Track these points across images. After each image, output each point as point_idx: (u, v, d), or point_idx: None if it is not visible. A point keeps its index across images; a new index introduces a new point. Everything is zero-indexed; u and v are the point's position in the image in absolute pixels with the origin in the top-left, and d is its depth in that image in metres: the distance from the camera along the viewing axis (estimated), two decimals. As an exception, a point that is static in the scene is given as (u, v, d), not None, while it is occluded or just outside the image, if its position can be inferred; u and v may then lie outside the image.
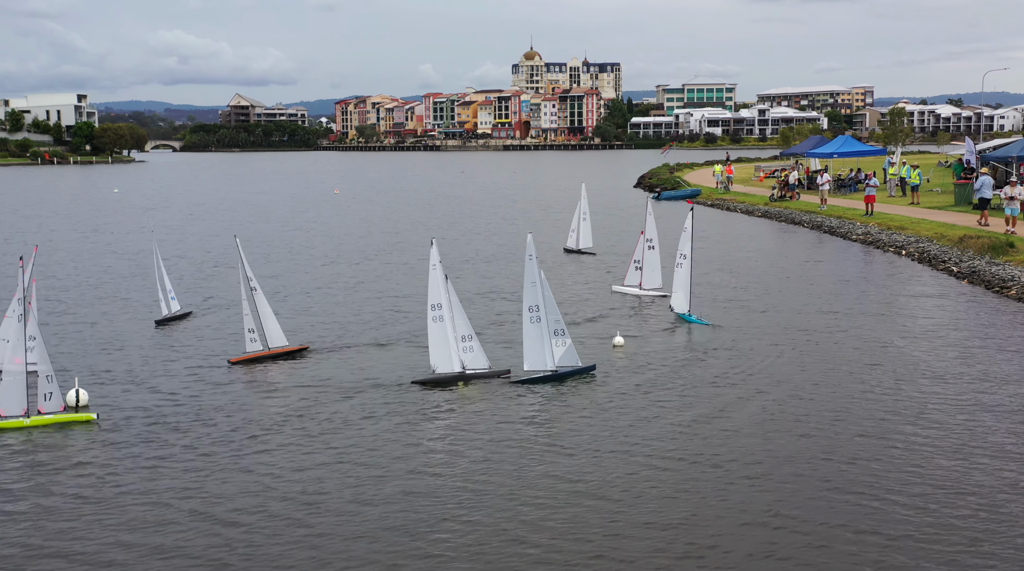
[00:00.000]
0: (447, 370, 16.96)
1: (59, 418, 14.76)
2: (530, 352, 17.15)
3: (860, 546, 10.22)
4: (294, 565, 9.98)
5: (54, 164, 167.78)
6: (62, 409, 14.91)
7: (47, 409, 14.80)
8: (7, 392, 14.64)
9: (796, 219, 43.95)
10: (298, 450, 13.49)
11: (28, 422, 14.61)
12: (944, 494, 11.54)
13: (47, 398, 14.79)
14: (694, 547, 10.28)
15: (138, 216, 55.67)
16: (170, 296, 22.83)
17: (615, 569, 9.86)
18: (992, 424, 14.11)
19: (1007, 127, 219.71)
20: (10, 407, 14.63)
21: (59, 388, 14.97)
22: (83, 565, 10.09)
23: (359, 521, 11.03)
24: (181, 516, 11.25)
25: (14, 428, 14.50)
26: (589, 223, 34.60)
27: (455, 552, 10.25)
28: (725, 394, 15.95)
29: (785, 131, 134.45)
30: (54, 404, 14.84)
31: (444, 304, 16.94)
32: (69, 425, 14.71)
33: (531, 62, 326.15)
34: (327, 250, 37.21)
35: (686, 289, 21.92)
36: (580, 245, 34.39)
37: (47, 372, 14.80)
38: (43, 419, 14.71)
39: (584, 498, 11.61)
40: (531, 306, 17.10)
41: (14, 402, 14.60)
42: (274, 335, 18.95)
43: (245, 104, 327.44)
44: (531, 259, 17.05)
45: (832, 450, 13.15)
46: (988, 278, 25.80)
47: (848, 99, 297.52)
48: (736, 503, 11.39)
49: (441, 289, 16.95)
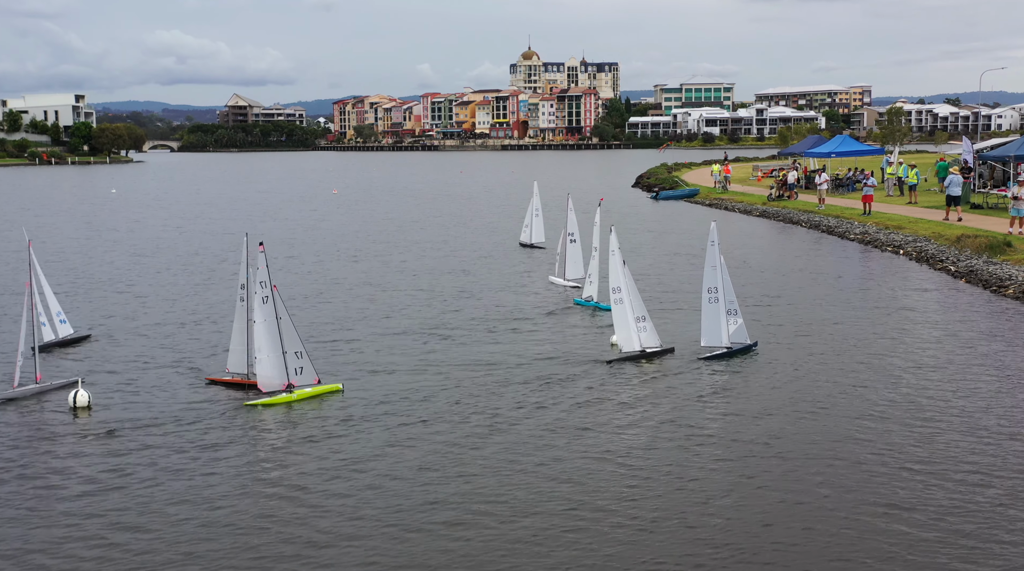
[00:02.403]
0: (629, 349, 18.24)
1: (315, 391, 16.19)
2: (707, 330, 18.43)
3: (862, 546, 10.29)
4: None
5: (52, 164, 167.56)
6: (316, 382, 16.23)
7: (300, 383, 16.15)
8: (269, 370, 15.97)
9: (794, 219, 44.02)
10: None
11: (291, 396, 16.00)
12: (946, 495, 11.61)
13: (299, 372, 16.13)
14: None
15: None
16: (58, 318, 20.24)
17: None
18: (992, 425, 14.17)
19: (1004, 126, 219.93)
20: (274, 383, 16.05)
21: (309, 363, 16.23)
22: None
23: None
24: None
25: (281, 402, 15.86)
26: (542, 219, 36.88)
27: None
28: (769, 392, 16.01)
29: (783, 131, 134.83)
30: (307, 378, 16.18)
31: (623, 287, 18.21)
32: (322, 396, 16.12)
33: (529, 62, 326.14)
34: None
35: (596, 279, 23.68)
36: (533, 240, 36.78)
37: (297, 349, 16.08)
38: (303, 392, 16.07)
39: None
40: (710, 288, 18.43)
41: (276, 378, 15.98)
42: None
43: (243, 104, 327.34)
44: (712, 245, 18.44)
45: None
46: (986, 277, 25.86)
47: (846, 98, 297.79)
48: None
49: (620, 273, 18.27)
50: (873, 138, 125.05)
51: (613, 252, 18.53)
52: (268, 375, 15.98)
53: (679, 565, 9.95)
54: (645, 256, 33.05)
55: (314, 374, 16.29)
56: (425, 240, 40.24)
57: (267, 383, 16.01)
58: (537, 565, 9.97)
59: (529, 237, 37.03)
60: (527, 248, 36.64)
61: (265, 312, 15.92)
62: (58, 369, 18.35)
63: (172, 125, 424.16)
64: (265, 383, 16.03)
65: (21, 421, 15.30)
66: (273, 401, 15.84)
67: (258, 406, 15.71)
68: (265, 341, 15.94)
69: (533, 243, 36.71)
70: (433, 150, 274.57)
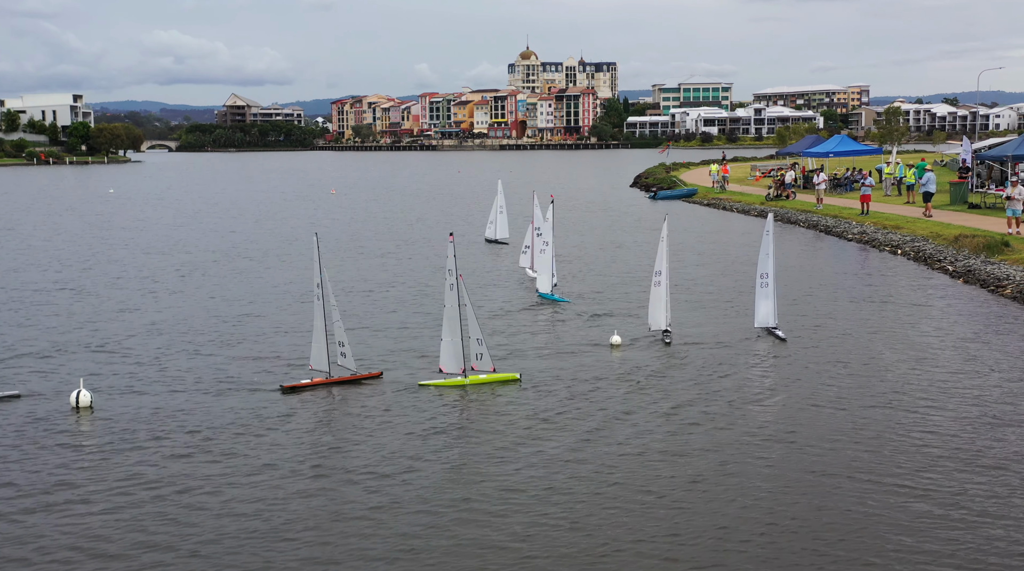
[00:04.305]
0: (657, 328, 20.02)
1: (490, 377, 17.01)
2: (758, 312, 20.34)
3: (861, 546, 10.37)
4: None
5: (50, 164, 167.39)
6: (492, 370, 17.04)
7: (479, 368, 17.04)
8: (449, 354, 16.88)
9: (792, 218, 44.09)
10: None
11: (466, 380, 16.89)
12: (940, 492, 11.70)
13: (479, 358, 16.99)
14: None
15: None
16: None
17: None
18: (993, 425, 14.26)
19: (1002, 126, 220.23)
20: (452, 366, 16.95)
21: (487, 350, 17.06)
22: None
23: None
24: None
25: (457, 385, 16.80)
26: (506, 216, 38.69)
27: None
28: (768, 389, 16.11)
29: (781, 130, 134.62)
30: (485, 364, 17.03)
31: (663, 272, 19.75)
32: (499, 384, 16.91)
33: (527, 62, 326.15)
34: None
35: (548, 272, 24.91)
36: (497, 236, 38.39)
37: (477, 336, 16.95)
38: (478, 377, 16.92)
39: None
40: (762, 273, 20.07)
41: (454, 363, 16.89)
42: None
43: (241, 104, 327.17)
44: (767, 234, 20.06)
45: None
46: (983, 277, 25.94)
47: (844, 98, 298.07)
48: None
49: (664, 259, 19.74)
50: (871, 138, 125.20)
51: (663, 238, 19.83)
52: (448, 358, 16.95)
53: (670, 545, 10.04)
54: (641, 255, 33.12)
55: (491, 363, 17.09)
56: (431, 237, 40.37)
57: (447, 366, 16.95)
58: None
59: (494, 233, 38.55)
60: (492, 243, 38.24)
61: (451, 299, 16.79)
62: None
63: (170, 125, 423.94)
64: (445, 366, 16.96)
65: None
66: (447, 384, 16.76)
67: (431, 387, 16.68)
68: (448, 326, 16.85)
69: (498, 239, 38.27)
70: (431, 150, 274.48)
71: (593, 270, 30.53)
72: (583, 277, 28.85)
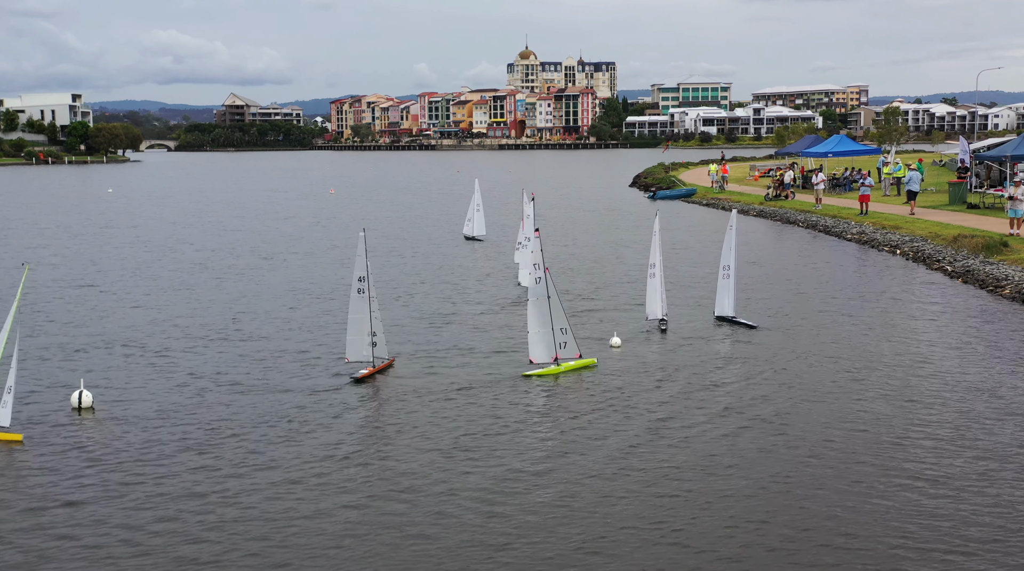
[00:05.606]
0: (654, 317, 21.10)
1: (576, 364, 17.87)
2: (720, 303, 21.76)
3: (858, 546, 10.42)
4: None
5: (49, 164, 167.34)
6: (577, 356, 17.82)
7: (563, 356, 17.77)
8: (539, 344, 17.71)
9: (791, 218, 44.14)
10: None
11: (558, 368, 17.73)
12: (929, 485, 11.74)
13: (563, 347, 17.74)
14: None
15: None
16: None
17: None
18: (992, 425, 14.30)
19: (1001, 126, 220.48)
20: (543, 356, 17.78)
21: (573, 339, 17.79)
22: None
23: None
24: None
25: (550, 373, 17.59)
26: (483, 214, 39.81)
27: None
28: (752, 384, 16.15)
29: (780, 130, 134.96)
30: (569, 352, 17.79)
31: (657, 264, 20.75)
32: (581, 370, 17.77)
33: (526, 61, 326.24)
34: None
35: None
36: (475, 233, 39.42)
37: (562, 325, 17.69)
38: (568, 365, 17.78)
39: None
40: (724, 265, 21.62)
41: (545, 352, 17.74)
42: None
43: (240, 103, 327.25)
44: (731, 229, 21.67)
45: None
46: (982, 277, 25.98)
47: (843, 98, 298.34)
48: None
49: (657, 251, 20.77)
50: (870, 138, 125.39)
51: (656, 232, 20.79)
52: (539, 349, 17.73)
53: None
54: (642, 253, 33.14)
55: (576, 349, 17.77)
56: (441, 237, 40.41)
57: (539, 356, 17.70)
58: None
59: (472, 230, 39.46)
60: (470, 240, 39.20)
61: (538, 291, 17.59)
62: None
63: (169, 124, 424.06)
64: (537, 356, 17.69)
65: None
66: (544, 372, 17.57)
67: (532, 377, 17.40)
68: (536, 317, 17.63)
69: (475, 236, 39.30)
70: (430, 150, 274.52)
71: (593, 269, 30.54)
72: (583, 275, 28.87)
